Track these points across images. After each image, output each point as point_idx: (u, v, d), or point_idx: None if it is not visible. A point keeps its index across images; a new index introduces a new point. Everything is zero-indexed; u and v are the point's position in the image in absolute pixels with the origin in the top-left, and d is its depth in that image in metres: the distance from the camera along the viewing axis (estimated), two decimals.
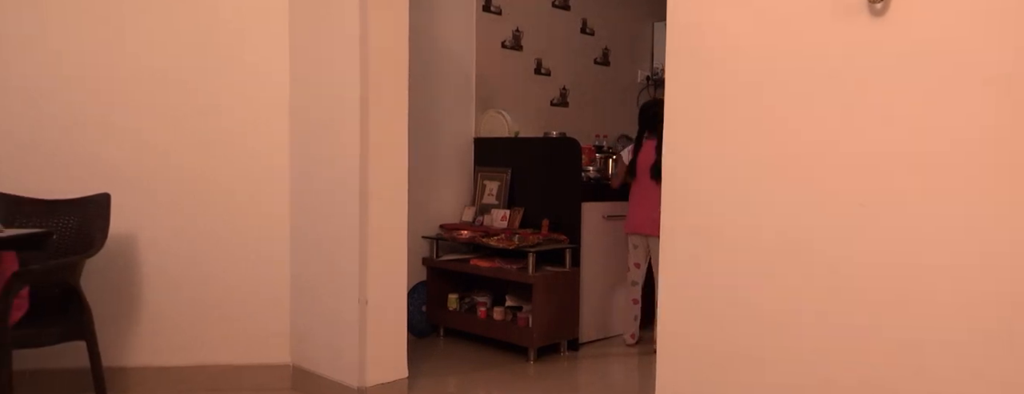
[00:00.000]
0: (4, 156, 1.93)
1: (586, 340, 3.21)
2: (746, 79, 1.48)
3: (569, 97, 4.00)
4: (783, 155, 1.43)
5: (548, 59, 3.87)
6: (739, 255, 1.49)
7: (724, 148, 1.51)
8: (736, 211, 1.50)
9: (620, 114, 4.23)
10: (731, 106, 1.50)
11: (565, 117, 3.95)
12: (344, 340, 2.34)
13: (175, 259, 2.46)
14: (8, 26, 2.34)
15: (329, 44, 2.34)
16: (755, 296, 1.47)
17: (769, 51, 1.44)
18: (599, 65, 4.17)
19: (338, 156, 2.32)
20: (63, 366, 2.30)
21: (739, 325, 1.50)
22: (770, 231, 1.45)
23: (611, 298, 3.33)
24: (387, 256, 2.35)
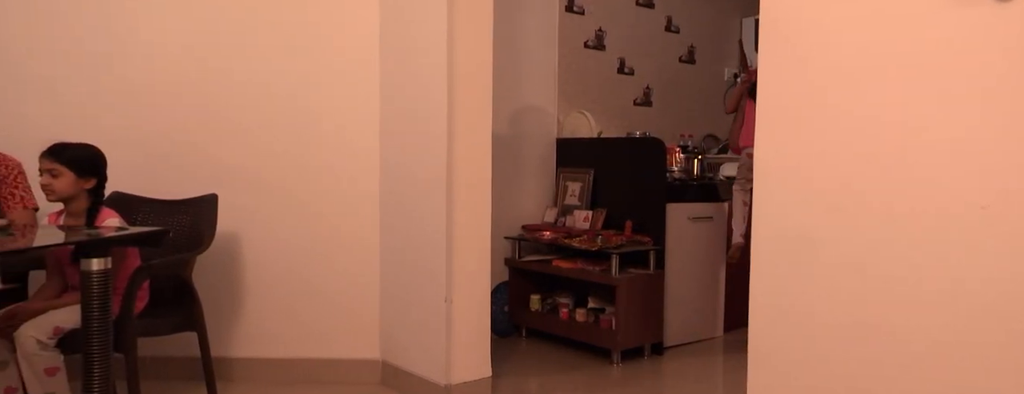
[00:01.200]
0: (128, 160, 2.13)
1: (671, 344, 3.16)
2: (846, 73, 1.42)
3: (653, 96, 3.96)
4: (888, 153, 1.36)
5: (631, 58, 3.84)
6: (837, 260, 1.43)
7: (822, 146, 1.45)
8: (833, 213, 1.44)
9: (706, 113, 4.14)
10: (829, 103, 1.45)
11: (649, 117, 3.91)
12: (430, 338, 2.41)
13: (275, 256, 2.61)
14: (130, 36, 2.57)
15: (417, 50, 2.43)
16: (854, 304, 1.41)
17: (872, 43, 1.38)
18: (684, 63, 4.09)
19: (425, 158, 2.40)
20: (177, 354, 2.50)
21: (836, 334, 1.44)
22: (871, 234, 1.39)
23: (697, 301, 3.26)
24: (471, 256, 2.41)
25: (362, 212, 2.61)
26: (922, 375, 1.33)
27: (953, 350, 1.29)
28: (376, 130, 2.60)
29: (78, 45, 2.57)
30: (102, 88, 2.57)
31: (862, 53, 1.39)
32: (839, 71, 1.43)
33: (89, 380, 1.77)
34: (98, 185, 2.00)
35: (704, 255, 3.25)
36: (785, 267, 1.51)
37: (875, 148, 1.38)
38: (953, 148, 1.28)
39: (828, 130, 1.45)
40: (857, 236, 1.40)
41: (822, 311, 1.46)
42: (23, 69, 2.54)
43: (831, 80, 1.44)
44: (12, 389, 1.87)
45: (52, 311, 1.87)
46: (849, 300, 1.42)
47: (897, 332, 1.36)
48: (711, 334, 3.33)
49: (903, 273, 1.34)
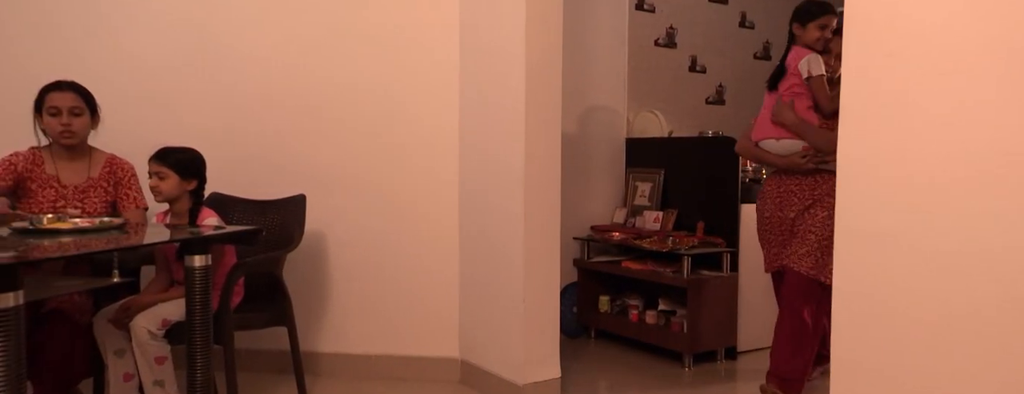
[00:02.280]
0: (225, 162, 2.29)
1: (746, 348, 3.12)
2: (937, 70, 1.38)
3: (726, 94, 3.90)
4: (980, 153, 1.33)
5: (704, 56, 3.80)
6: (925, 268, 1.40)
7: (910, 144, 1.42)
8: (923, 217, 1.41)
9: None
10: (917, 100, 1.41)
11: (722, 115, 3.85)
12: (505, 337, 2.48)
13: (359, 255, 2.73)
14: (227, 45, 2.74)
15: (494, 50, 2.50)
16: (941, 316, 1.38)
17: (966, 39, 1.34)
18: (759, 60, 4.01)
19: (500, 158, 2.47)
20: (269, 348, 2.66)
21: (920, 346, 1.41)
22: (958, 234, 1.35)
23: (773, 305, 3.19)
24: (541, 256, 2.45)
25: (443, 211, 2.70)
26: (1014, 378, 1.29)
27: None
28: (457, 131, 2.68)
29: (181, 55, 2.76)
30: (202, 95, 2.76)
31: (955, 49, 1.35)
32: (929, 68, 1.39)
33: (192, 369, 1.93)
34: (199, 186, 2.16)
35: None
36: (869, 266, 1.49)
37: (966, 148, 1.34)
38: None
39: (917, 128, 1.41)
40: (943, 235, 1.37)
41: (908, 312, 1.43)
42: (134, 81, 2.75)
43: (920, 77, 1.40)
44: (129, 375, 2.05)
45: (160, 304, 2.04)
46: (935, 301, 1.39)
47: (986, 334, 1.33)
48: None
49: (994, 275, 1.30)
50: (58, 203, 2.12)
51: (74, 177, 2.17)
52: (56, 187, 2.14)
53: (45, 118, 2.09)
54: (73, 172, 2.17)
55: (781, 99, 2.43)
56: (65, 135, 2.10)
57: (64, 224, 1.81)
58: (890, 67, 1.45)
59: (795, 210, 2.40)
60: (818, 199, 2.36)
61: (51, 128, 2.09)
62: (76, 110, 2.10)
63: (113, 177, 2.23)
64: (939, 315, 1.39)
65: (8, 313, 1.31)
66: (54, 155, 2.16)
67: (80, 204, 2.15)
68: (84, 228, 1.83)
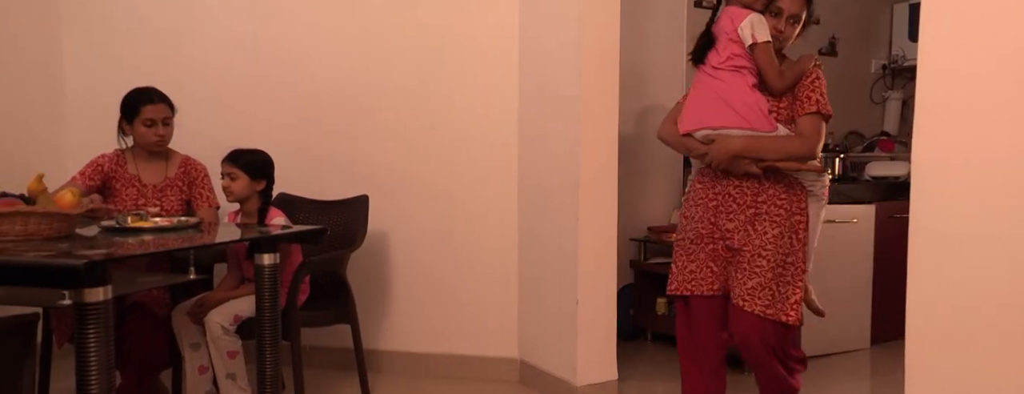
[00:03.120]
0: (291, 163, 2.37)
1: (808, 354, 3.01)
2: (1016, 65, 1.32)
3: None
4: None
5: None
6: (1004, 270, 1.34)
7: (989, 146, 1.36)
8: (1002, 217, 1.34)
9: (849, 108, 3.90)
10: (998, 95, 1.34)
11: None
12: (562, 338, 2.48)
13: (420, 255, 2.78)
14: (294, 49, 2.83)
15: (551, 49, 2.51)
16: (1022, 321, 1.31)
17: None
18: (825, 55, 3.88)
19: (558, 158, 2.47)
20: (333, 345, 2.73)
21: (1001, 352, 1.34)
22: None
23: (838, 310, 3.09)
24: (597, 257, 2.44)
25: (501, 211, 2.72)
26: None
27: None
28: (515, 131, 2.70)
29: (249, 61, 2.87)
30: (269, 99, 2.86)
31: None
32: (1011, 61, 1.32)
33: (262, 363, 2.01)
34: (268, 187, 2.24)
35: (846, 260, 3.08)
36: (945, 269, 1.43)
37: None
38: None
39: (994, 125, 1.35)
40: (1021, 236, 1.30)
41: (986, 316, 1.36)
42: (206, 86, 2.88)
43: (1001, 71, 1.34)
44: (204, 367, 2.15)
45: (232, 300, 2.13)
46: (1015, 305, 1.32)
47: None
48: (856, 345, 3.15)
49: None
50: (139, 201, 2.25)
51: (153, 177, 2.30)
52: (137, 186, 2.27)
53: (139, 128, 2.22)
54: (152, 172, 2.30)
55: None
56: (159, 144, 2.25)
57: (146, 223, 1.91)
58: (968, 62, 1.39)
59: (736, 220, 1.90)
60: (764, 211, 1.89)
61: (146, 137, 2.23)
62: (166, 120, 2.25)
63: (188, 177, 2.35)
64: (1020, 320, 1.32)
65: (99, 306, 1.39)
66: (136, 156, 2.29)
67: (159, 202, 2.27)
68: (164, 227, 1.93)
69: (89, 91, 2.91)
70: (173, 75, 2.82)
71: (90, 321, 1.39)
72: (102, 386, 1.40)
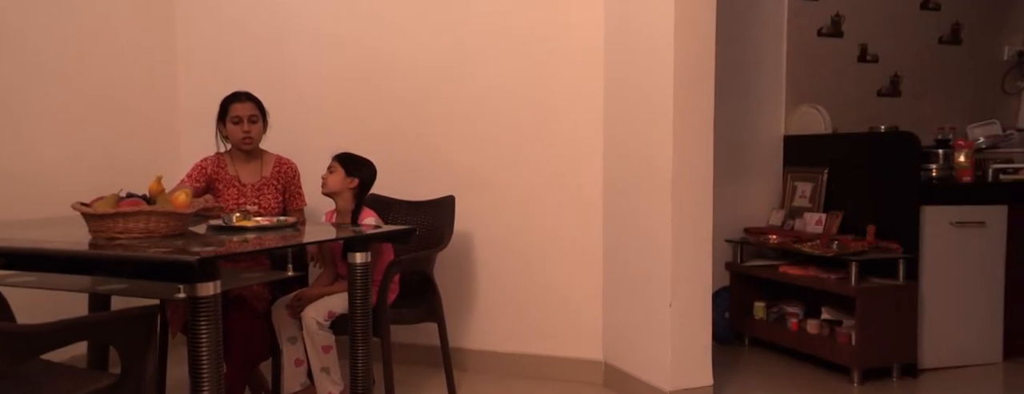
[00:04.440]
0: (380, 164, 2.44)
1: (929, 366, 2.83)
2: None
3: (902, 85, 3.57)
4: None
5: (876, 44, 3.51)
6: None
7: None
8: None
9: (975, 101, 3.63)
10: None
11: (896, 108, 3.54)
12: (652, 341, 2.45)
13: (505, 255, 2.82)
14: (385, 52, 2.94)
15: (641, 48, 2.48)
16: None
17: None
18: (945, 44, 3.63)
19: (648, 158, 2.44)
20: (420, 342, 2.83)
21: None
22: None
23: (965, 319, 2.88)
24: (692, 259, 2.39)
25: (587, 212, 2.72)
26: None
27: None
28: (601, 131, 2.69)
29: (342, 65, 3.00)
30: (360, 101, 2.98)
31: None
32: None
33: (354, 358, 2.10)
34: (360, 187, 2.34)
35: (975, 265, 2.86)
36: None
37: None
38: None
39: None
40: None
41: None
42: (301, 89, 3.04)
43: None
44: (300, 360, 2.27)
45: (327, 297, 2.24)
46: None
47: None
48: (985, 359, 2.92)
49: None
50: (239, 200, 2.41)
51: (251, 177, 2.46)
52: (237, 186, 2.43)
53: (228, 126, 2.38)
54: (250, 172, 2.46)
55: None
56: (246, 141, 2.39)
57: (249, 222, 2.04)
58: None
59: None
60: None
61: (234, 135, 2.38)
62: (253, 118, 2.39)
63: (283, 176, 2.50)
64: None
65: (209, 300, 1.51)
66: (234, 158, 2.46)
67: (256, 200, 2.43)
68: (265, 226, 2.05)
69: (199, 97, 3.14)
70: (272, 79, 3.00)
71: (202, 313, 1.50)
72: (212, 373, 1.52)
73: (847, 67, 3.47)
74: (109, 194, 1.79)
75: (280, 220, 2.11)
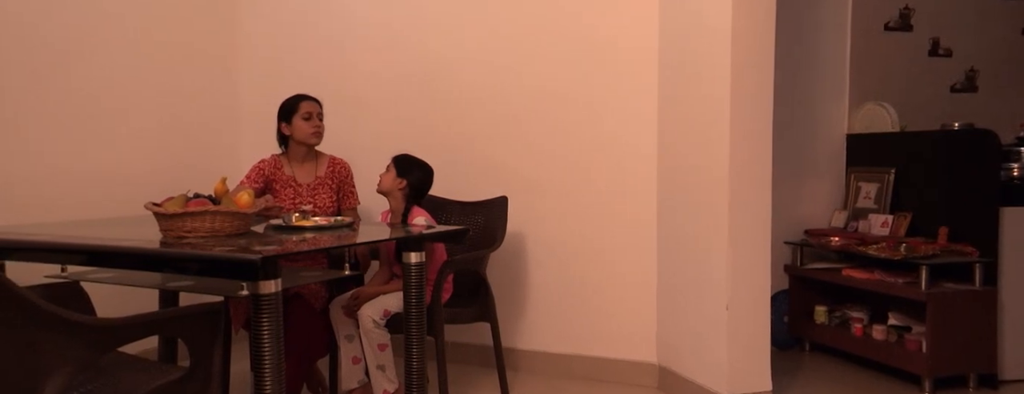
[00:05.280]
0: (434, 165, 2.50)
1: (1011, 377, 2.69)
2: None
3: (978, 80, 3.42)
4: None
5: (949, 37, 3.38)
6: None
7: None
8: None
9: None
10: None
11: (972, 105, 3.40)
12: (709, 345, 2.42)
13: (557, 256, 2.83)
14: (436, 56, 2.99)
15: (697, 47, 2.45)
16: None
17: None
18: None
19: (704, 158, 2.41)
20: (473, 342, 2.87)
21: None
22: None
23: None
24: (750, 262, 2.35)
25: (640, 214, 2.71)
26: None
27: None
28: (654, 131, 2.68)
29: (396, 67, 3.07)
30: (414, 103, 3.04)
31: None
32: None
33: (409, 356, 2.14)
34: (410, 189, 2.39)
35: None
36: None
37: None
38: None
39: None
40: None
41: None
42: (356, 91, 3.12)
43: None
44: (357, 358, 2.34)
45: (382, 296, 2.30)
46: None
47: None
48: None
49: None
50: (296, 200, 2.50)
51: (306, 177, 2.54)
52: (293, 186, 2.52)
53: (298, 123, 2.46)
54: (305, 172, 2.55)
55: None
56: (316, 135, 2.49)
57: (307, 222, 2.11)
58: None
59: None
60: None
61: (304, 130, 2.47)
62: (320, 114, 2.49)
63: (337, 175, 2.57)
64: None
65: (271, 298, 1.57)
66: (290, 159, 2.55)
67: (312, 200, 2.51)
68: (322, 226, 2.12)
69: (258, 100, 3.26)
70: (328, 82, 3.09)
71: (264, 310, 1.57)
72: (274, 368, 1.58)
73: (917, 62, 3.36)
74: (178, 195, 1.89)
75: (337, 220, 2.18)
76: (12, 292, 1.23)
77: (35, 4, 2.55)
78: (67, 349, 1.30)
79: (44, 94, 2.59)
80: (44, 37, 2.58)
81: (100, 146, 2.78)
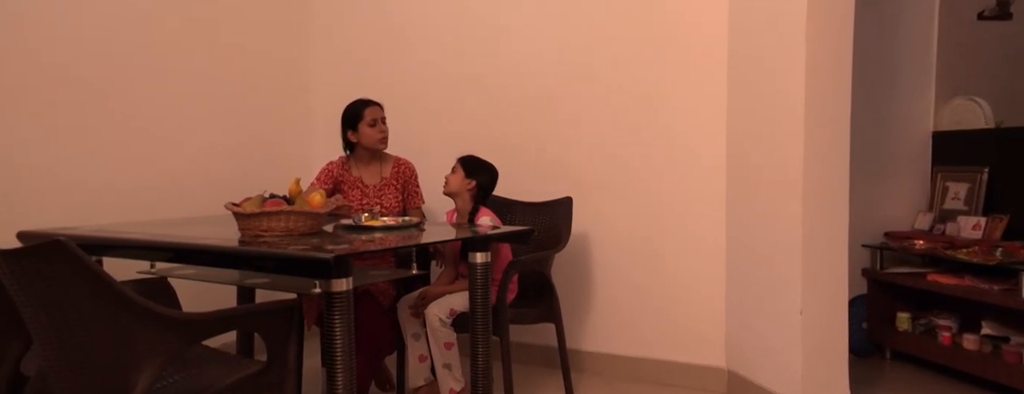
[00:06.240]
0: (499, 165, 2.54)
1: None
2: None
3: None
4: None
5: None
6: None
7: None
8: None
9: None
10: None
11: None
12: (781, 351, 2.37)
13: (623, 257, 2.83)
14: (501, 58, 3.03)
15: (769, 42, 2.40)
16: None
17: None
18: None
19: (776, 157, 2.36)
20: (538, 342, 2.89)
21: None
22: None
23: None
24: (825, 265, 2.28)
25: (708, 213, 2.67)
26: None
27: None
28: (723, 129, 2.64)
29: (464, 68, 3.12)
30: (480, 104, 3.09)
31: None
32: None
33: (474, 355, 2.19)
34: (478, 189, 2.44)
35: None
36: None
37: None
38: None
39: None
40: None
41: None
42: (421, 92, 3.20)
43: None
44: (424, 356, 2.41)
45: (448, 295, 2.35)
46: None
47: None
48: None
49: None
50: (363, 200, 2.59)
51: (372, 178, 2.63)
52: (361, 187, 2.61)
53: (364, 129, 2.55)
54: (371, 174, 2.64)
55: None
56: (383, 140, 2.58)
57: (376, 222, 2.19)
58: None
59: None
60: None
61: (371, 136, 2.56)
62: (384, 119, 2.58)
63: (402, 176, 2.65)
64: None
65: (342, 296, 1.64)
66: (357, 161, 2.64)
67: (378, 200, 2.59)
68: (391, 226, 2.19)
69: (329, 103, 3.37)
70: (396, 84, 3.18)
71: (336, 308, 1.64)
72: (346, 363, 1.65)
73: (1016, 54, 3.17)
74: (255, 195, 1.99)
75: (405, 220, 2.25)
76: (111, 287, 1.34)
77: (129, 21, 2.74)
78: (158, 342, 1.40)
79: (135, 104, 2.77)
80: (135, 51, 2.76)
81: (184, 150, 2.95)
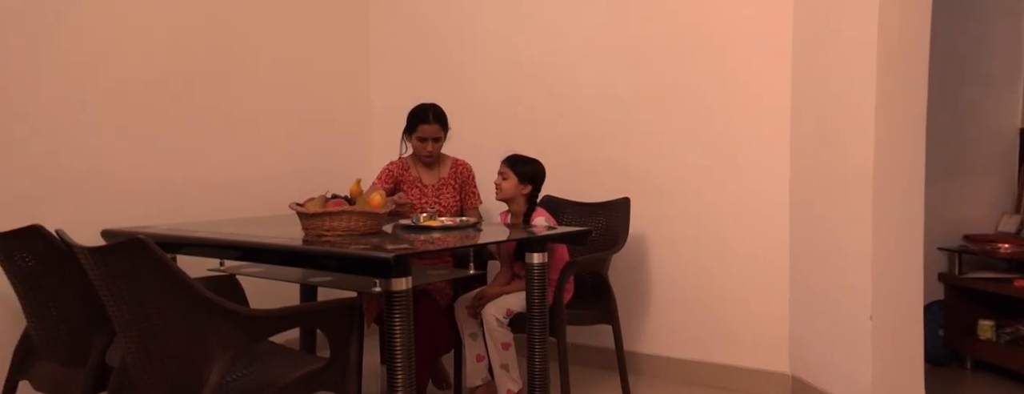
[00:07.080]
0: (555, 166, 2.55)
1: None
2: None
3: None
4: None
5: None
6: None
7: None
8: None
9: None
10: None
11: None
12: (849, 357, 2.30)
13: (682, 259, 2.81)
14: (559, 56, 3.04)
15: (837, 35, 2.33)
16: None
17: None
18: None
19: (844, 156, 2.30)
20: (595, 344, 2.90)
21: None
22: None
23: None
24: (898, 269, 2.21)
25: (771, 214, 2.63)
26: None
27: None
28: (787, 127, 2.59)
29: (517, 68, 3.16)
30: (536, 104, 3.11)
31: None
32: None
33: (531, 356, 2.22)
34: (533, 192, 2.47)
35: None
36: None
37: None
38: None
39: None
40: None
41: None
42: (478, 94, 3.25)
43: None
44: (481, 356, 2.45)
45: (505, 296, 2.39)
46: None
47: None
48: None
49: None
50: (422, 200, 2.66)
51: (430, 178, 2.71)
52: (420, 187, 2.68)
53: (414, 141, 2.65)
54: (430, 174, 2.71)
55: None
56: (428, 157, 2.66)
57: (434, 222, 2.24)
58: None
59: None
60: None
61: (418, 150, 2.65)
62: (437, 138, 2.63)
63: (459, 176, 2.72)
64: None
65: (402, 295, 1.69)
66: (416, 161, 2.72)
67: (437, 200, 2.66)
68: (449, 226, 2.24)
69: (388, 105, 3.47)
70: (453, 86, 3.24)
71: (396, 306, 1.69)
72: (405, 361, 1.71)
73: None
74: (318, 195, 2.07)
75: (462, 220, 2.29)
76: (186, 283, 1.42)
77: (211, 34, 2.90)
78: (228, 337, 1.48)
79: (209, 111, 2.92)
80: (213, 64, 2.92)
81: (250, 152, 3.08)
